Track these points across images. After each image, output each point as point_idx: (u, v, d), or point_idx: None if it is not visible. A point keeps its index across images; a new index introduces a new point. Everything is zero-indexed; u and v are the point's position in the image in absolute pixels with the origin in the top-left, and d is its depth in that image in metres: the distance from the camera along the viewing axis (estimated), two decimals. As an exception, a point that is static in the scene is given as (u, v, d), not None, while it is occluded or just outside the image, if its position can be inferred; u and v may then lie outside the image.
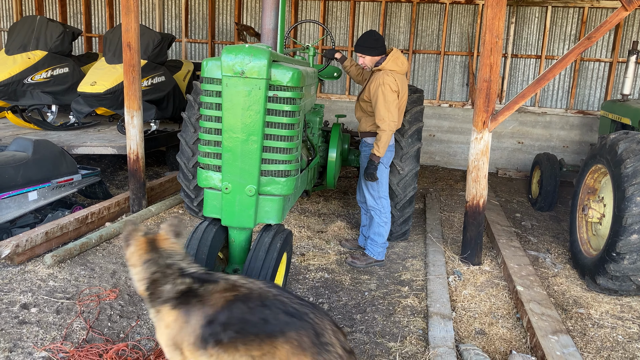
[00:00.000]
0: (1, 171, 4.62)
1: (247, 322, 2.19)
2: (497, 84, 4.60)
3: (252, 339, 2.16)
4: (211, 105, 3.15)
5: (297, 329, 2.16)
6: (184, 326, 2.27)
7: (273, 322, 2.18)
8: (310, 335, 2.16)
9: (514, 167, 9.49)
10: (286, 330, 2.16)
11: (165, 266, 2.41)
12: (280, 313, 2.20)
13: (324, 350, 2.16)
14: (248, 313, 2.21)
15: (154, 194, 6.28)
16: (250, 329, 2.17)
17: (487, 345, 3.61)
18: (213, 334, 2.21)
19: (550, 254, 5.43)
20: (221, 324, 2.21)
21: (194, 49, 10.60)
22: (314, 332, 2.17)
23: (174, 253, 2.49)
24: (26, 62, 7.27)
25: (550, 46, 9.14)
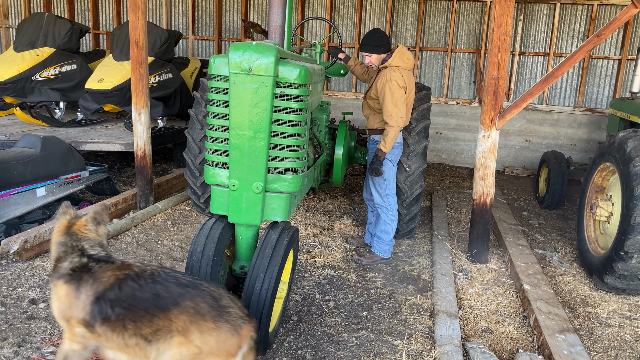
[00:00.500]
0: (10, 167, 4.64)
1: (136, 298, 2.20)
2: (505, 82, 4.57)
3: (142, 315, 2.17)
4: (218, 102, 3.16)
5: (193, 297, 2.18)
6: (74, 302, 2.32)
7: (165, 296, 2.19)
8: (208, 300, 2.19)
9: (521, 165, 9.45)
10: (181, 301, 2.17)
11: (71, 247, 2.51)
12: (173, 286, 2.21)
13: (225, 312, 2.20)
14: (138, 290, 2.22)
15: (160, 190, 6.30)
16: (140, 305, 2.18)
17: (494, 343, 3.60)
18: (100, 311, 2.23)
19: (557, 253, 5.41)
20: (109, 301, 2.23)
21: (201, 46, 10.61)
22: (211, 297, 2.20)
23: (85, 238, 2.57)
24: (34, 59, 7.32)
25: (559, 44, 9.08)
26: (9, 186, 4.59)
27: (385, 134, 4.42)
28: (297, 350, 3.35)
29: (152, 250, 4.81)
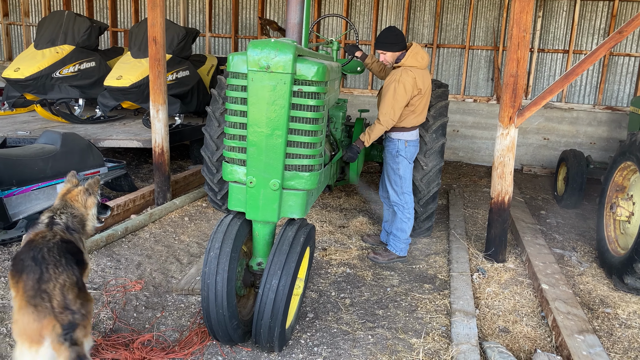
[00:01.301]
0: (31, 163, 4.72)
1: (18, 259, 2.58)
2: (524, 79, 4.52)
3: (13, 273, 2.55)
4: (236, 99, 3.17)
5: (28, 272, 2.47)
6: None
7: (23, 264, 2.53)
8: (33, 280, 2.45)
9: (539, 164, 9.35)
10: (24, 272, 2.49)
11: (55, 209, 2.97)
12: (29, 259, 2.53)
13: (38, 297, 2.41)
14: (24, 253, 2.59)
15: (178, 187, 6.36)
16: (17, 265, 2.56)
17: (511, 343, 3.57)
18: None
19: (576, 252, 5.34)
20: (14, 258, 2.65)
21: (218, 44, 10.66)
22: (38, 278, 2.45)
23: (70, 206, 3.02)
24: (54, 56, 7.42)
25: (578, 40, 8.95)
26: (30, 182, 4.66)
27: (371, 129, 4.46)
28: (313, 347, 3.36)
29: (169, 246, 4.85)
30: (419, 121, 4.62)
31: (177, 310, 3.74)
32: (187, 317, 3.64)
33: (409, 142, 4.61)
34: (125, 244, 4.84)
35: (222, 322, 3.05)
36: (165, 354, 3.15)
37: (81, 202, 3.08)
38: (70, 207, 3.03)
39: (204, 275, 3.07)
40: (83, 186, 3.14)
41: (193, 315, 3.66)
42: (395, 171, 4.65)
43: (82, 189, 3.12)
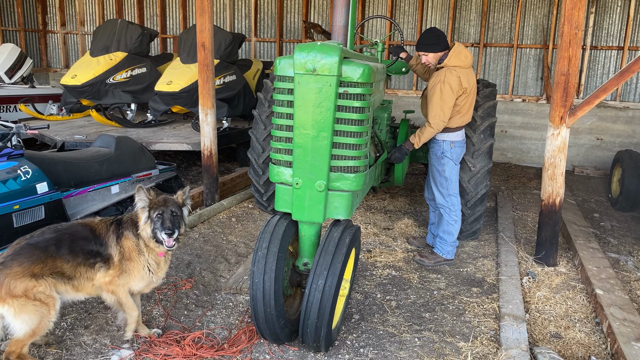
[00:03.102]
0: (87, 166, 4.93)
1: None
2: (576, 78, 4.39)
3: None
4: (283, 102, 3.22)
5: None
6: None
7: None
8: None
9: (592, 165, 9.02)
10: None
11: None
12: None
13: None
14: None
15: (225, 188, 6.49)
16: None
17: (564, 349, 3.47)
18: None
19: (632, 257, 5.13)
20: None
21: (263, 48, 10.82)
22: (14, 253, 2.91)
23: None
24: (108, 63, 7.73)
25: (635, 37, 8.59)
26: (87, 184, 4.87)
27: (422, 131, 4.42)
28: (359, 348, 3.37)
29: (217, 246, 4.97)
30: (464, 121, 4.56)
31: (225, 308, 3.83)
32: (236, 316, 3.72)
33: (455, 142, 4.55)
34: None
35: (270, 320, 3.10)
36: (215, 351, 3.23)
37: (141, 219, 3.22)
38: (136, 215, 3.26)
39: (252, 274, 3.13)
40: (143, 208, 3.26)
41: (241, 314, 3.74)
42: (440, 173, 4.59)
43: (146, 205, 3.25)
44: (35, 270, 2.87)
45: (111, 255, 3.14)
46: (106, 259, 3.13)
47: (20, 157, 4.39)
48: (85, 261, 3.07)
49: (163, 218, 3.12)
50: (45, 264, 2.92)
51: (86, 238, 3.12)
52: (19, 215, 4.22)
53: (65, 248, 3.01)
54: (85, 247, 3.09)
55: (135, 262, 3.18)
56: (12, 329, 2.81)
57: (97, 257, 3.11)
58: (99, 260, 3.11)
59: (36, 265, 2.88)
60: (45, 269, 2.91)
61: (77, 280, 3.06)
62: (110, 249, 3.14)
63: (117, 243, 3.16)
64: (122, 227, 3.20)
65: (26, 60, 9.69)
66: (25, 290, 2.82)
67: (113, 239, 3.16)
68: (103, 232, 3.17)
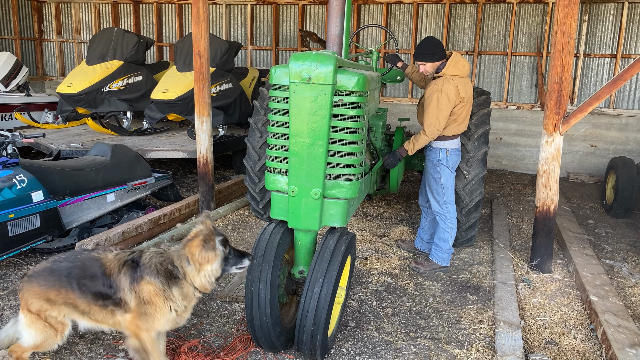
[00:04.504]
0: (83, 174, 4.93)
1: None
2: (569, 85, 4.43)
3: None
4: (279, 110, 3.24)
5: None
6: None
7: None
8: None
9: (586, 172, 9.07)
10: None
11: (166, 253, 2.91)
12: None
13: None
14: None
15: (221, 196, 6.50)
16: None
17: (559, 356, 3.48)
18: None
19: (626, 263, 5.15)
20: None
21: (259, 56, 10.87)
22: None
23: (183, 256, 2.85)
24: (104, 71, 7.75)
25: (627, 44, 8.67)
26: (83, 192, 4.87)
27: (416, 138, 4.45)
28: (354, 356, 3.37)
29: (213, 255, 4.96)
30: (460, 130, 4.59)
31: (221, 316, 3.82)
32: (231, 324, 3.72)
33: (451, 150, 4.58)
34: (171, 252, 4.98)
35: (265, 329, 3.11)
36: (210, 359, 3.22)
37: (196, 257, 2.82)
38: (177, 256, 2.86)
39: (248, 282, 3.13)
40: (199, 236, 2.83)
41: (237, 322, 3.74)
42: (437, 180, 4.62)
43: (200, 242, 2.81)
44: (50, 296, 2.79)
45: (124, 300, 2.79)
46: (117, 302, 2.80)
47: (16, 166, 4.39)
48: (94, 302, 2.81)
49: (232, 248, 2.93)
50: (59, 292, 2.80)
51: (93, 277, 2.81)
52: (14, 224, 4.22)
53: (75, 284, 2.80)
54: (92, 287, 2.80)
55: (158, 306, 2.80)
56: (21, 335, 2.90)
57: (107, 299, 2.80)
58: (109, 304, 2.81)
59: (51, 291, 2.80)
60: (60, 297, 2.80)
61: (94, 315, 2.85)
62: (122, 293, 2.79)
63: (131, 287, 2.78)
64: (140, 270, 2.79)
65: (22, 69, 9.70)
66: (39, 310, 2.80)
67: (125, 282, 2.79)
68: (114, 273, 2.80)
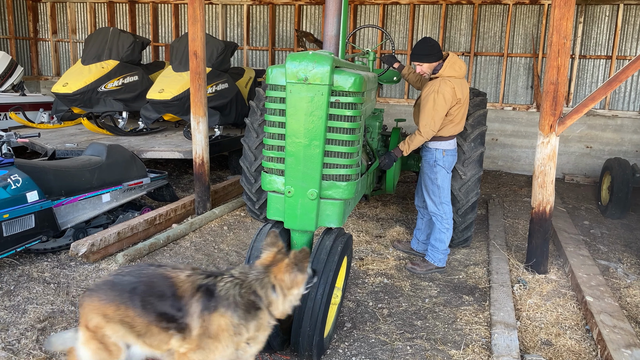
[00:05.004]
0: (78, 174, 4.91)
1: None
2: (565, 87, 4.44)
3: None
4: (275, 111, 3.23)
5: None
6: None
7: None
8: None
9: (581, 173, 9.10)
10: None
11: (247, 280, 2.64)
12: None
13: None
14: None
15: (217, 196, 6.48)
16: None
17: (554, 356, 3.49)
18: None
19: (622, 264, 5.17)
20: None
21: (255, 56, 10.85)
22: None
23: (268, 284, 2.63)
24: (100, 71, 7.72)
25: (622, 46, 8.70)
26: (78, 192, 4.85)
27: (411, 138, 4.45)
28: (351, 357, 3.37)
29: (209, 255, 4.95)
30: (456, 130, 4.59)
31: (217, 317, 3.81)
32: (227, 325, 3.70)
33: (447, 151, 4.58)
34: (167, 252, 4.97)
35: (261, 329, 3.09)
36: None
37: (288, 282, 2.62)
38: (260, 285, 2.61)
39: (244, 283, 3.12)
40: (289, 261, 2.63)
41: (232, 323, 3.72)
42: (433, 181, 4.62)
43: (290, 264, 2.62)
44: (108, 312, 2.52)
45: (189, 326, 2.52)
46: (181, 328, 2.53)
47: (11, 166, 4.37)
48: (157, 322, 2.53)
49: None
50: (118, 308, 2.52)
51: (162, 296, 2.54)
52: (8, 224, 4.19)
53: (138, 301, 2.53)
54: (159, 307, 2.52)
55: (222, 344, 2.54)
56: (77, 351, 2.65)
57: (171, 322, 2.53)
58: (172, 327, 2.53)
59: (110, 306, 2.52)
60: (117, 313, 2.52)
61: (149, 338, 2.55)
62: (190, 318, 2.52)
63: (201, 315, 2.52)
64: (216, 300, 2.53)
65: (17, 68, 9.65)
66: (96, 327, 2.53)
67: (196, 309, 2.52)
68: (186, 295, 2.55)
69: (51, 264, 4.55)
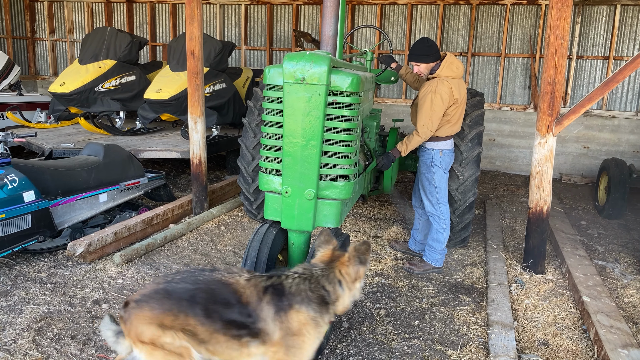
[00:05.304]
0: (76, 174, 4.90)
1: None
2: (562, 87, 4.45)
3: None
4: (272, 111, 3.23)
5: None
6: None
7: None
8: None
9: (579, 173, 9.11)
10: None
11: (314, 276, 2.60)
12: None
13: None
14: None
15: (215, 196, 6.47)
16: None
17: (551, 356, 3.49)
18: None
19: (619, 264, 5.18)
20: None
21: (253, 56, 10.84)
22: None
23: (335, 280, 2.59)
24: (97, 71, 7.70)
25: (619, 46, 8.72)
26: (75, 192, 4.84)
27: (409, 139, 4.45)
28: (348, 357, 3.37)
29: (206, 255, 4.95)
30: (454, 130, 4.60)
31: (214, 318, 3.80)
32: (224, 325, 3.70)
33: (444, 151, 4.58)
34: (164, 252, 4.96)
35: (259, 330, 3.09)
36: (203, 360, 3.20)
37: (352, 275, 2.60)
38: (328, 280, 2.59)
39: (241, 283, 3.11)
40: (351, 254, 2.62)
41: (230, 323, 3.72)
42: (430, 181, 4.62)
43: (352, 257, 2.60)
44: (165, 321, 2.38)
45: (264, 330, 2.46)
46: (255, 334, 2.46)
47: (7, 165, 4.36)
48: (225, 331, 2.44)
49: None
50: (177, 317, 2.40)
51: (226, 304, 2.46)
52: (5, 224, 4.18)
53: (200, 309, 2.42)
54: (225, 315, 2.44)
55: (308, 337, 2.51)
56: None
57: (242, 329, 2.44)
58: (244, 334, 2.44)
59: (167, 316, 2.39)
60: (177, 322, 2.40)
61: (213, 345, 2.45)
62: (263, 323, 2.45)
63: (276, 318, 2.46)
64: (287, 298, 2.50)
65: (14, 68, 9.63)
66: (152, 339, 2.39)
67: (269, 312, 2.46)
68: (253, 301, 2.47)
69: (48, 264, 4.54)
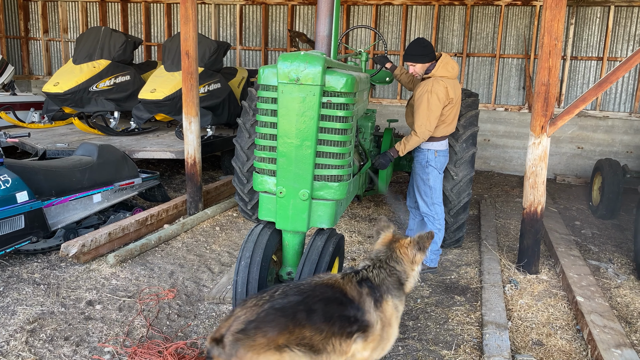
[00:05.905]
0: (69, 175, 4.88)
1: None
2: (556, 88, 4.46)
3: None
4: (267, 111, 3.22)
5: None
6: None
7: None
8: None
9: (573, 173, 9.15)
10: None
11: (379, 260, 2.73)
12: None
13: None
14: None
15: (209, 197, 6.46)
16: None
17: (545, 357, 3.50)
18: None
19: (612, 264, 5.20)
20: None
21: (248, 56, 10.83)
22: None
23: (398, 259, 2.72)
24: (91, 70, 7.67)
25: (613, 47, 8.76)
26: (68, 192, 4.82)
27: (407, 139, 4.46)
28: (342, 358, 3.36)
29: (201, 255, 4.93)
30: (448, 131, 4.60)
31: (208, 318, 3.80)
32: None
33: (439, 152, 4.59)
34: (159, 253, 4.95)
35: (253, 330, 3.08)
36: (197, 361, 3.19)
37: (410, 256, 2.73)
38: (395, 261, 2.72)
39: (235, 284, 3.11)
40: (413, 238, 2.76)
41: (224, 324, 3.71)
42: (425, 182, 4.63)
43: (413, 240, 2.75)
44: (280, 342, 2.29)
45: (370, 322, 2.51)
46: (364, 327, 2.49)
47: (0, 166, 4.33)
48: (341, 330, 2.42)
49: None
50: (292, 333, 2.32)
51: (341, 302, 2.49)
52: (-2, 225, 4.15)
53: (319, 315, 2.39)
54: (343, 313, 2.46)
55: (393, 328, 2.61)
56: None
57: (354, 324, 2.47)
58: (355, 330, 2.46)
59: (282, 335, 2.30)
60: (292, 339, 2.31)
61: (325, 354, 2.39)
62: (369, 315, 2.51)
63: (376, 308, 2.54)
64: (377, 289, 2.60)
65: (7, 67, 9.58)
66: None
67: (370, 304, 2.54)
68: (356, 295, 2.54)
69: (41, 264, 4.51)
